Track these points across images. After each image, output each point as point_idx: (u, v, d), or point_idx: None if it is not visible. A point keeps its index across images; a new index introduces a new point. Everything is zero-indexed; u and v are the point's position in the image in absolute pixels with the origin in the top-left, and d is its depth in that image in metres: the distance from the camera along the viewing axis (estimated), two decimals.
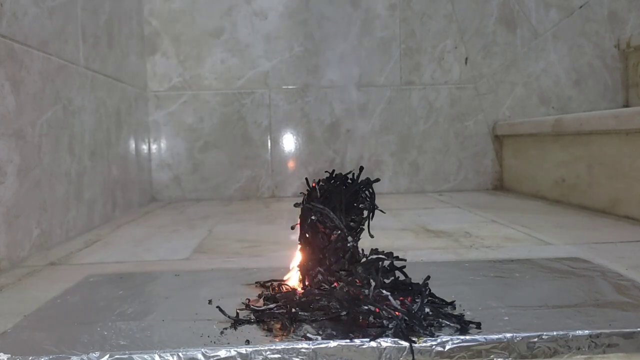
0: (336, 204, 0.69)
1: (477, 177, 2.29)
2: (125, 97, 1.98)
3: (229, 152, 2.26)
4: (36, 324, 0.68)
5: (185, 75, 2.24)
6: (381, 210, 0.73)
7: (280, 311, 0.66)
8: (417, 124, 2.27)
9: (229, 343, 0.59)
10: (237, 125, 2.26)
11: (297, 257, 0.76)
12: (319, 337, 0.59)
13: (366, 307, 0.61)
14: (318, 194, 0.71)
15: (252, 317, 0.67)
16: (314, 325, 0.63)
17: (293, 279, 0.77)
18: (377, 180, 0.73)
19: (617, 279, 0.79)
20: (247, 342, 0.59)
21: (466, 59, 2.25)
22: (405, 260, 0.70)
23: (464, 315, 0.65)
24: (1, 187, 1.13)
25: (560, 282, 0.79)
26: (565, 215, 1.61)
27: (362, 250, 0.72)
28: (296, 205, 0.72)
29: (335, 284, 0.69)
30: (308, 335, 0.59)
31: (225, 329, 0.64)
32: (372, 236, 0.72)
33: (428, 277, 0.68)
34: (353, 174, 0.73)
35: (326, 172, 0.75)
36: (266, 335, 0.61)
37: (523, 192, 2.11)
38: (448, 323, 0.62)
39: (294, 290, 0.72)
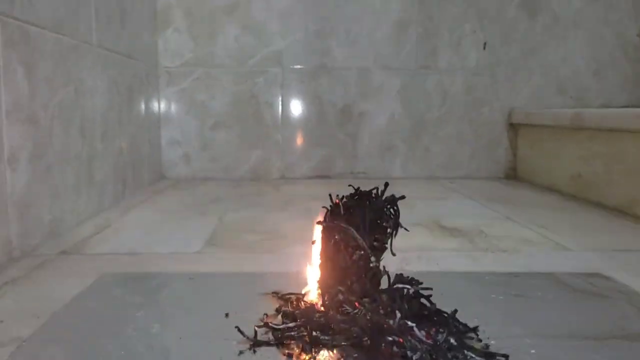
0: (360, 222, 0.67)
1: (490, 165, 2.26)
2: (136, 74, 1.94)
3: (239, 131, 2.23)
4: (51, 337, 0.67)
5: (197, 52, 2.19)
6: (405, 228, 0.71)
7: (300, 333, 0.64)
8: (431, 109, 2.23)
9: None
10: (248, 104, 2.22)
11: (312, 257, 0.74)
12: None
13: (390, 338, 0.59)
14: (342, 210, 0.69)
15: (271, 337, 0.66)
16: (334, 351, 0.61)
17: (311, 293, 0.75)
18: (403, 197, 0.71)
19: None
20: None
21: (485, 44, 2.20)
22: (431, 289, 0.68)
23: (489, 346, 0.63)
24: (14, 175, 1.11)
25: (584, 305, 0.77)
26: (581, 214, 1.59)
27: (384, 267, 0.70)
28: (319, 223, 0.70)
29: (356, 303, 0.68)
30: None
31: (243, 351, 0.62)
32: (394, 254, 0.70)
33: (455, 311, 0.66)
34: (377, 189, 0.71)
35: (350, 185, 0.73)
36: None
37: (537, 183, 2.08)
38: (473, 356, 0.60)
39: (313, 307, 0.71)
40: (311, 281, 0.78)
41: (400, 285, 0.63)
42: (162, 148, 2.23)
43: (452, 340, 0.61)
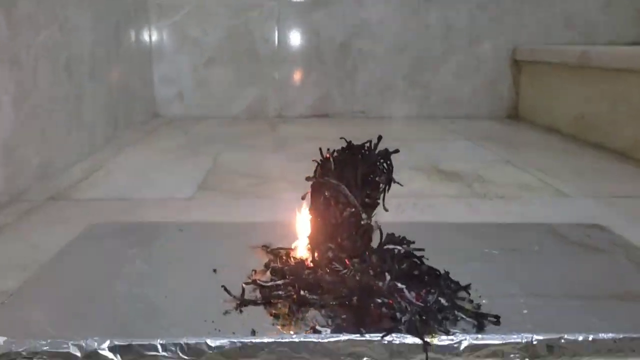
0: (351, 178, 0.64)
1: (491, 104, 2.21)
2: (124, 9, 1.86)
3: (234, 68, 2.16)
4: (36, 293, 0.65)
5: None
6: (398, 183, 0.68)
7: (288, 292, 0.63)
8: (432, 45, 2.15)
9: (234, 333, 0.56)
10: (243, 40, 2.14)
11: (303, 208, 0.72)
12: (328, 330, 0.57)
13: (379, 300, 0.57)
14: (332, 166, 0.65)
15: (259, 296, 0.64)
16: (322, 311, 0.60)
17: (301, 249, 0.73)
18: (397, 151, 0.67)
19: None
20: (253, 332, 0.56)
21: None
22: (423, 249, 0.66)
23: (480, 306, 0.62)
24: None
25: (580, 260, 0.75)
26: (582, 157, 1.55)
27: (377, 223, 0.68)
28: (308, 179, 0.67)
29: (346, 261, 0.66)
30: (317, 327, 0.57)
31: (229, 311, 0.61)
32: (386, 210, 0.68)
33: (447, 273, 0.64)
34: (370, 143, 0.68)
35: (342, 138, 0.69)
36: (272, 324, 0.58)
37: (538, 123, 2.04)
38: (464, 317, 0.59)
39: (302, 263, 0.69)
40: (302, 235, 0.75)
41: (391, 246, 0.61)
42: (154, 85, 2.17)
43: (442, 301, 0.59)
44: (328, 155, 0.67)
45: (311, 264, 0.68)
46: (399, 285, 0.58)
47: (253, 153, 1.60)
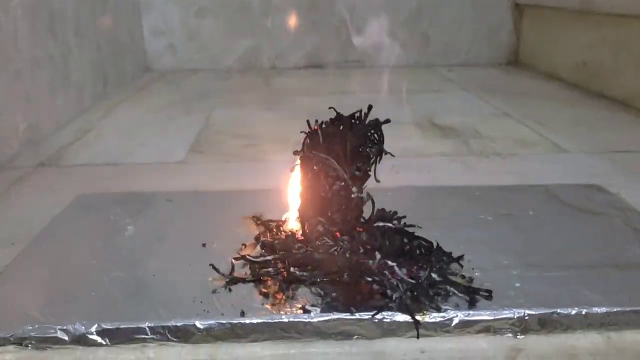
0: (340, 151, 0.62)
1: (491, 50, 2.15)
2: None
3: (226, 18, 2.09)
4: (22, 273, 0.64)
5: None
6: (390, 154, 0.66)
7: (277, 269, 0.62)
8: None
9: (222, 314, 0.56)
10: None
11: (294, 176, 0.70)
12: (318, 309, 0.56)
13: (370, 278, 0.57)
14: (320, 138, 0.63)
15: (248, 272, 0.63)
16: (312, 289, 0.59)
17: (292, 221, 0.72)
18: (387, 121, 0.65)
19: (638, 222, 0.74)
20: (243, 313, 0.56)
21: None
22: (414, 225, 0.64)
23: (473, 279, 0.61)
24: None
25: (577, 225, 0.74)
26: (583, 107, 1.52)
27: (368, 195, 0.66)
28: (296, 153, 0.65)
29: (337, 234, 0.64)
30: (307, 307, 0.56)
31: (218, 290, 0.60)
32: (378, 181, 0.66)
33: (439, 247, 0.63)
34: (361, 112, 0.65)
35: (331, 107, 0.67)
36: (262, 304, 0.57)
37: (539, 69, 1.99)
38: (456, 292, 0.58)
39: (292, 237, 0.68)
40: (292, 206, 0.74)
41: (381, 224, 0.59)
42: (144, 39, 2.11)
43: (434, 276, 0.58)
44: (316, 127, 0.64)
45: (301, 237, 0.67)
46: (390, 263, 0.57)
47: (246, 110, 1.57)
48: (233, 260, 0.65)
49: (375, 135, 0.64)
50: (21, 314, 0.56)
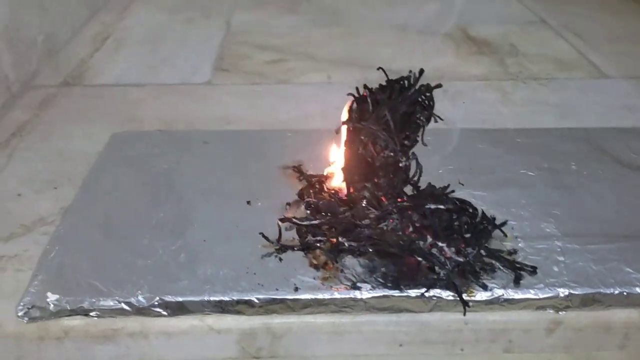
0: (389, 118, 0.60)
1: None
2: None
3: None
4: (74, 232, 0.66)
5: None
6: (439, 118, 0.64)
7: (325, 236, 0.63)
8: None
9: (277, 289, 0.58)
10: None
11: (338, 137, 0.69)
12: (368, 285, 0.58)
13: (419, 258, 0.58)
14: (370, 107, 0.61)
15: (295, 237, 0.64)
16: (360, 260, 0.61)
17: (335, 176, 0.72)
18: (439, 85, 0.62)
19: None
20: (296, 289, 0.58)
21: None
22: (454, 192, 0.64)
23: (517, 251, 0.62)
24: None
25: (619, 185, 0.73)
26: (627, 14, 1.43)
27: (417, 161, 0.65)
28: (344, 123, 0.63)
29: (382, 198, 0.65)
30: (357, 284, 0.58)
31: (266, 256, 0.62)
32: (425, 145, 0.65)
33: (484, 215, 0.63)
34: (411, 76, 0.62)
35: (379, 68, 0.64)
36: (313, 278, 0.59)
37: None
38: (501, 269, 0.59)
39: (337, 198, 0.68)
40: (334, 160, 0.74)
41: (433, 206, 0.59)
42: None
43: (482, 252, 0.60)
44: (365, 94, 0.62)
45: (345, 198, 0.68)
46: (439, 244, 0.58)
47: (268, 13, 1.49)
48: (279, 223, 0.66)
49: (426, 101, 0.62)
50: (83, 283, 0.59)
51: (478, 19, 1.40)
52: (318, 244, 0.63)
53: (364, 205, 0.64)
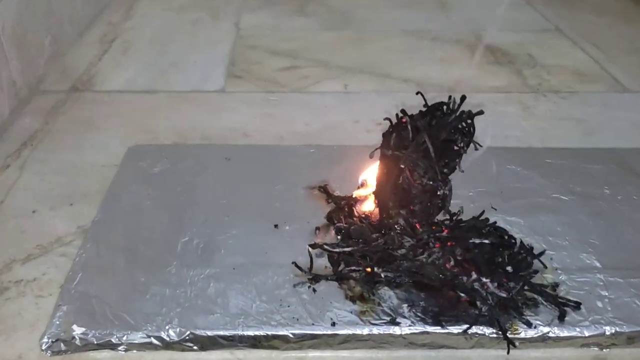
0: (430, 148, 0.58)
1: None
2: None
3: None
4: (96, 257, 0.63)
5: None
6: (478, 144, 0.62)
7: (359, 265, 0.61)
8: None
9: (313, 324, 0.56)
10: None
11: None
12: (407, 321, 0.56)
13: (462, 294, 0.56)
14: (410, 134, 0.59)
15: (328, 266, 0.62)
16: (397, 292, 0.59)
17: (364, 200, 0.70)
18: (481, 112, 0.60)
19: None
20: (333, 324, 0.56)
21: None
22: (495, 223, 0.62)
23: (559, 285, 0.60)
24: (0, 5, 0.95)
25: None
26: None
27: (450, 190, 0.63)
28: (384, 149, 0.60)
29: (417, 225, 0.63)
30: (396, 319, 0.56)
31: (299, 285, 0.60)
32: (462, 171, 0.63)
33: (522, 244, 0.62)
34: (451, 102, 0.60)
35: (418, 93, 0.61)
36: (350, 311, 0.57)
37: None
38: (545, 304, 0.58)
39: (368, 221, 0.66)
40: (361, 181, 0.71)
41: (477, 240, 0.57)
42: None
43: (524, 287, 0.58)
44: (404, 120, 0.59)
45: (376, 223, 0.65)
46: (483, 279, 0.56)
47: (276, 14, 1.45)
48: (310, 249, 0.64)
49: (467, 128, 0.60)
50: (110, 315, 0.56)
51: (490, 23, 1.38)
52: (353, 278, 0.61)
53: (397, 232, 0.62)
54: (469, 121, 0.60)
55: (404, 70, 1.16)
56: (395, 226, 0.62)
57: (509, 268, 0.58)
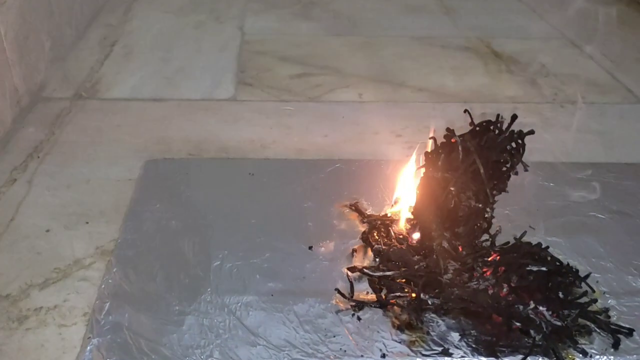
0: (482, 170, 0.56)
1: None
2: None
3: None
4: (124, 284, 0.59)
5: None
6: (527, 166, 0.59)
7: (403, 290, 0.58)
8: None
9: (362, 355, 0.53)
10: None
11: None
12: (460, 351, 0.54)
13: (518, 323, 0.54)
14: (461, 155, 0.56)
15: (369, 290, 0.60)
16: (445, 320, 0.56)
17: (400, 221, 0.67)
18: (532, 132, 0.58)
19: None
20: (383, 355, 0.53)
21: None
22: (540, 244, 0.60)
23: (609, 310, 0.58)
24: (2, 8, 0.90)
25: None
26: None
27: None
28: (431, 172, 0.58)
29: (459, 248, 0.60)
30: (449, 350, 0.53)
31: (342, 313, 0.57)
32: (507, 192, 0.60)
33: (569, 267, 0.60)
34: (500, 121, 0.58)
35: (465, 111, 0.59)
36: (399, 341, 0.54)
37: None
38: (598, 332, 0.56)
39: (406, 242, 0.63)
40: (396, 198, 0.69)
41: (535, 268, 0.55)
42: None
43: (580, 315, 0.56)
44: (454, 140, 0.57)
45: (414, 244, 0.63)
46: (540, 308, 0.53)
47: (280, 17, 1.42)
48: (349, 273, 0.61)
49: (517, 148, 0.58)
50: (146, 348, 0.53)
51: (499, 32, 1.37)
52: (398, 305, 0.58)
53: (440, 254, 0.59)
54: (520, 142, 0.58)
55: (418, 79, 1.14)
56: (438, 248, 0.60)
57: (560, 294, 0.56)
